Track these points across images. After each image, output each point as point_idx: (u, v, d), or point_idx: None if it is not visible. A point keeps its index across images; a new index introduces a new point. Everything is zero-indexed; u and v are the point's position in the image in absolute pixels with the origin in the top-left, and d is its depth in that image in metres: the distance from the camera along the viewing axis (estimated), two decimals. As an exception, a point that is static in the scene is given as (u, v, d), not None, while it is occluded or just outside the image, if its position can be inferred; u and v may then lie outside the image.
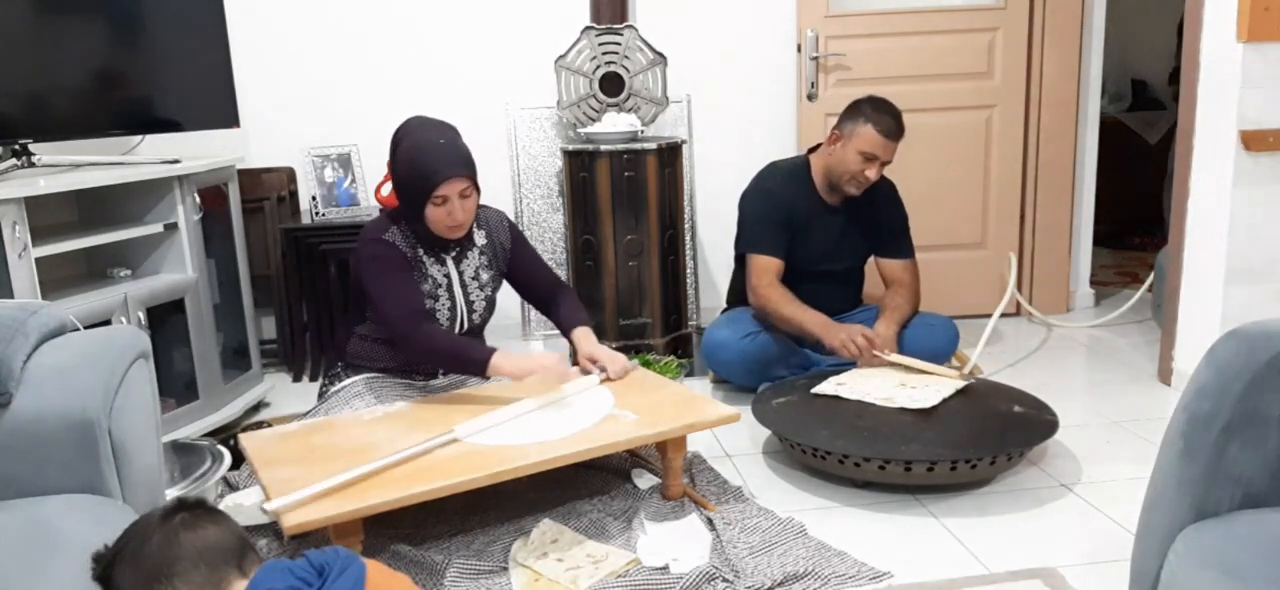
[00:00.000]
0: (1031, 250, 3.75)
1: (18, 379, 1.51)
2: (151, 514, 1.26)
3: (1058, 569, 1.87)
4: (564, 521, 2.08)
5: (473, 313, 2.41)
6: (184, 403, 2.73)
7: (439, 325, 2.32)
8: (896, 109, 2.80)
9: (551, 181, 3.60)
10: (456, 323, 2.39)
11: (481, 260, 2.41)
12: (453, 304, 2.36)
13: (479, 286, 2.41)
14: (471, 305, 2.40)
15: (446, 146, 2.22)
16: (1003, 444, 2.22)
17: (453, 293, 2.36)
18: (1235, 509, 1.33)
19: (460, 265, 2.37)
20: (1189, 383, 1.38)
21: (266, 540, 2.04)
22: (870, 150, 2.76)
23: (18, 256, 2.23)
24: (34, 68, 2.60)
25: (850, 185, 2.83)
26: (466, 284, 2.38)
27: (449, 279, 2.35)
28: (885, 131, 2.75)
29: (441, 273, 2.35)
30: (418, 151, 2.21)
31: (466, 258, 2.39)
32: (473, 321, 2.42)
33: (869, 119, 2.76)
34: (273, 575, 1.21)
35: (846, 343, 2.65)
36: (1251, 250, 2.70)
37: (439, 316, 2.34)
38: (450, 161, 2.20)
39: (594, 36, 3.29)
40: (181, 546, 1.20)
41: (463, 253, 2.38)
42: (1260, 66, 2.60)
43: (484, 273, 2.42)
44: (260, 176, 3.40)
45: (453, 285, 2.36)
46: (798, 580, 1.83)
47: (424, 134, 2.24)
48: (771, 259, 2.87)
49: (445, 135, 2.25)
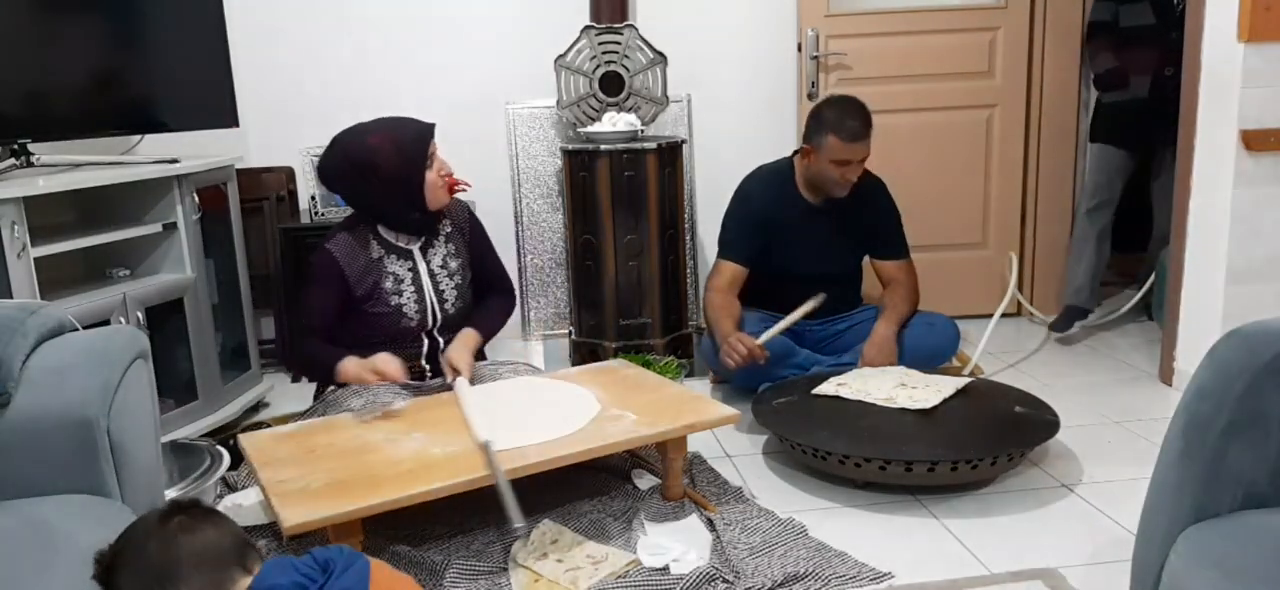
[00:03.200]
0: (1032, 250, 3.75)
1: (16, 379, 1.51)
2: (148, 517, 1.25)
3: (1059, 569, 1.86)
4: (564, 522, 2.08)
5: (444, 303, 2.44)
6: (183, 403, 2.72)
7: (318, 343, 2.35)
8: (857, 105, 2.79)
9: (551, 181, 3.59)
10: (427, 314, 2.41)
11: (449, 249, 2.46)
12: (419, 296, 2.40)
13: (448, 275, 2.45)
14: (442, 295, 2.44)
15: (407, 119, 2.39)
16: (1004, 444, 2.22)
17: (419, 285, 2.40)
18: (1236, 509, 1.32)
19: (428, 255, 2.43)
20: (1189, 383, 1.38)
21: (266, 540, 2.04)
22: (841, 158, 2.75)
23: (16, 256, 2.23)
24: (33, 67, 2.59)
25: (835, 190, 2.83)
26: (435, 274, 2.43)
27: (415, 272, 2.40)
28: (850, 136, 2.73)
29: (405, 268, 2.39)
30: (392, 136, 2.32)
31: (434, 247, 2.44)
32: (445, 312, 2.45)
33: (831, 129, 2.75)
34: (277, 571, 1.21)
35: (729, 352, 2.66)
36: (1252, 249, 2.70)
37: (407, 310, 2.39)
38: (423, 127, 2.37)
39: (594, 36, 3.29)
40: (181, 550, 1.20)
41: (429, 243, 2.44)
42: (1261, 66, 2.60)
43: (452, 261, 2.46)
44: (259, 176, 3.40)
45: (419, 278, 2.40)
46: (798, 581, 1.82)
47: (381, 126, 2.37)
48: (730, 264, 2.91)
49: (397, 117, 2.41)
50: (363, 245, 2.38)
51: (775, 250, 2.91)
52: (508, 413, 2.16)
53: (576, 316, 3.32)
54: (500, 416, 2.13)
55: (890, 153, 3.34)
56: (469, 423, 2.05)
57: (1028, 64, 3.58)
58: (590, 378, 2.41)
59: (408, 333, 2.41)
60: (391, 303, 2.37)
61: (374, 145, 2.32)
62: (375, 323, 2.38)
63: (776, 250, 2.91)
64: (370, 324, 2.38)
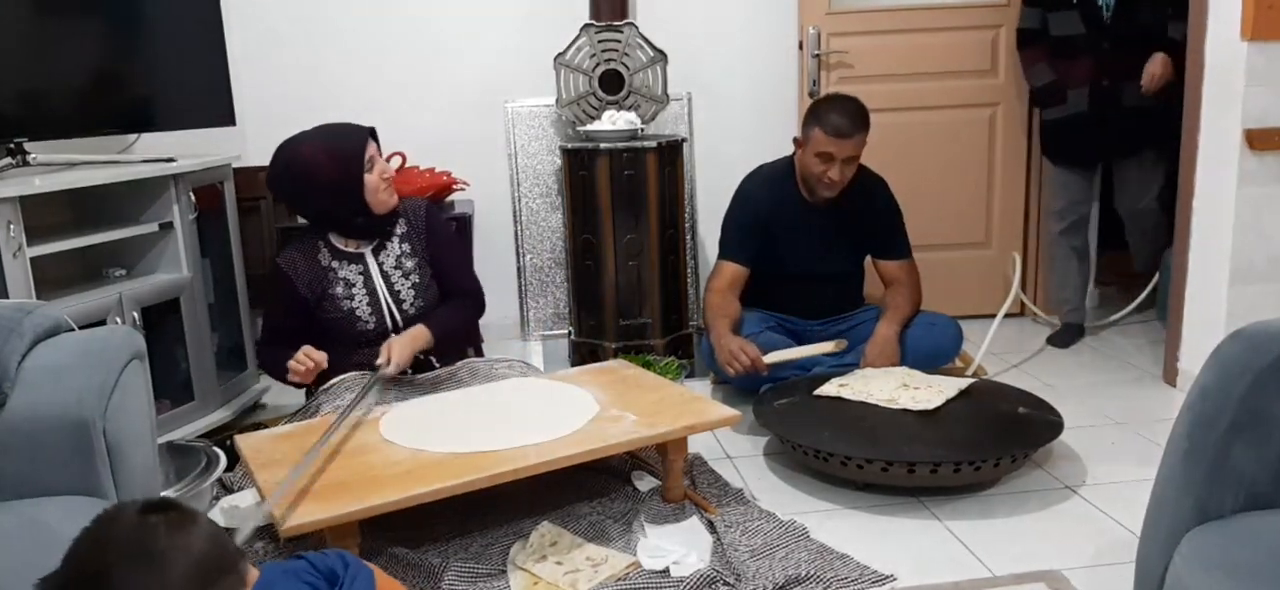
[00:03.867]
0: (1035, 250, 3.73)
1: (12, 379, 1.50)
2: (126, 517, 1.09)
3: (1062, 571, 1.85)
4: (563, 524, 2.06)
5: (401, 304, 2.44)
6: (179, 403, 2.71)
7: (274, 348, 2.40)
8: (852, 103, 2.77)
9: (550, 180, 3.58)
10: (384, 316, 2.42)
11: (403, 249, 2.46)
12: (372, 298, 2.41)
13: (403, 276, 2.45)
14: (397, 296, 2.43)
15: (342, 124, 2.40)
16: (1006, 445, 2.20)
17: (372, 287, 2.41)
18: (1240, 510, 1.32)
19: (380, 256, 2.44)
20: (1193, 384, 1.37)
21: (263, 543, 2.03)
22: (824, 151, 2.73)
23: (13, 256, 2.22)
24: (29, 66, 2.58)
25: (820, 188, 2.80)
26: (388, 275, 2.43)
27: (366, 275, 2.41)
28: (834, 130, 2.71)
29: (356, 272, 2.41)
30: (326, 144, 2.34)
31: (386, 248, 2.45)
32: (404, 312, 2.44)
33: (818, 121, 2.74)
34: (278, 583, 1.16)
35: (729, 360, 2.65)
36: (1256, 250, 2.69)
37: (360, 314, 2.40)
38: (358, 129, 2.37)
39: (594, 33, 3.27)
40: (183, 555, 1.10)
41: (381, 245, 2.45)
42: (1264, 65, 2.59)
43: (407, 261, 2.46)
44: (256, 175, 3.36)
45: (371, 280, 2.41)
46: (800, 583, 1.81)
47: (316, 134, 2.37)
48: (730, 264, 2.90)
49: (333, 125, 2.41)
50: (312, 254, 2.42)
51: (776, 250, 2.90)
52: (507, 413, 2.15)
53: (576, 316, 3.30)
54: (499, 417, 2.12)
55: (892, 151, 3.33)
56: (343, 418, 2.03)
57: (1030, 63, 3.57)
58: (590, 378, 2.39)
59: (367, 335, 2.41)
60: (343, 308, 2.40)
61: (308, 155, 2.33)
62: (332, 328, 2.41)
63: (777, 250, 2.90)
64: (328, 329, 2.41)
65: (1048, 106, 3.30)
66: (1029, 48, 3.31)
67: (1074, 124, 3.23)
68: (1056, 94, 3.24)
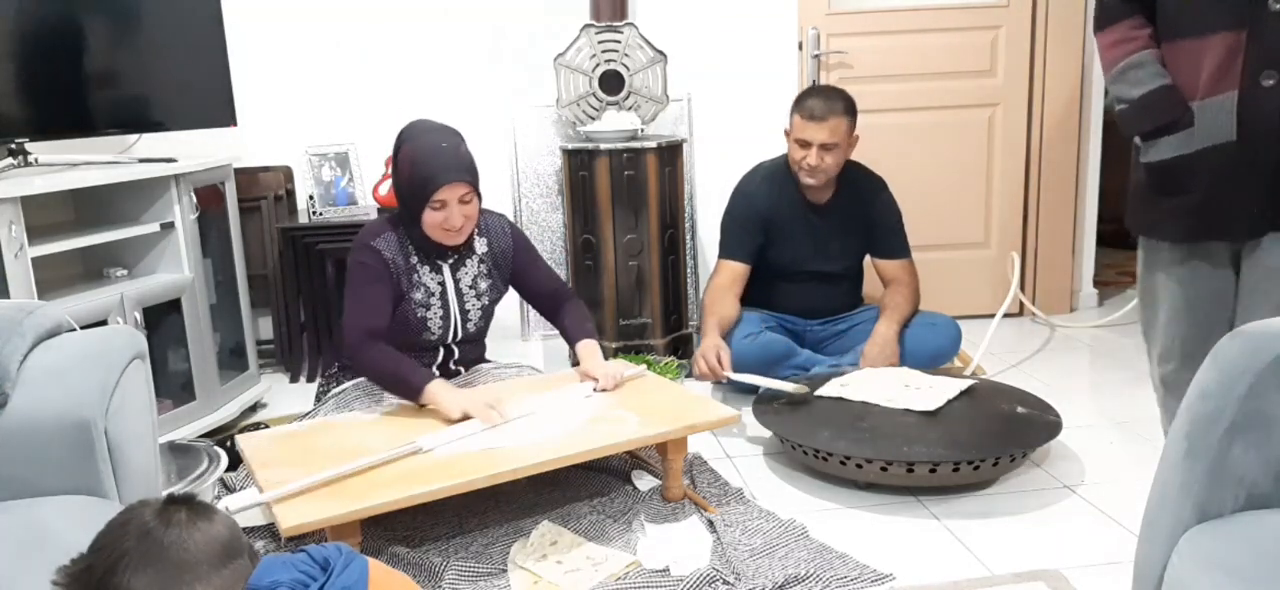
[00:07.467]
0: (1034, 250, 3.74)
1: (14, 380, 1.50)
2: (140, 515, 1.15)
3: (1061, 571, 1.86)
4: (563, 523, 2.07)
5: (467, 322, 2.38)
6: (180, 403, 2.71)
7: (391, 350, 2.21)
8: (831, 89, 2.83)
9: (551, 180, 3.59)
10: (449, 332, 2.36)
11: (480, 269, 2.38)
12: (445, 313, 2.33)
13: (475, 296, 2.37)
14: (466, 314, 2.37)
15: (448, 150, 2.19)
16: (1006, 445, 2.21)
17: (446, 302, 2.33)
18: (1239, 510, 1.32)
19: (457, 273, 2.34)
20: (1192, 384, 1.37)
21: (264, 542, 2.03)
22: (801, 136, 2.78)
23: (14, 256, 2.22)
24: (31, 66, 2.58)
25: (803, 176, 2.83)
26: (463, 293, 2.35)
27: (443, 288, 2.32)
28: (807, 114, 2.76)
29: (436, 281, 2.31)
30: (418, 155, 2.18)
31: (464, 266, 2.35)
32: (467, 330, 2.39)
33: (797, 107, 2.80)
34: (276, 568, 1.19)
35: (698, 360, 2.70)
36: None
37: (430, 325, 2.31)
38: (450, 166, 2.16)
39: (594, 34, 3.28)
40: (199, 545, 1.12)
41: (460, 261, 2.35)
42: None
43: (482, 282, 2.38)
44: (257, 175, 3.39)
45: (447, 294, 2.33)
46: (799, 583, 1.81)
47: (426, 138, 2.21)
48: (730, 263, 2.92)
49: (448, 139, 2.21)
50: (402, 246, 2.29)
51: (775, 248, 2.90)
52: (507, 413, 2.15)
53: (576, 316, 3.30)
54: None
55: (892, 152, 3.34)
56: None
57: (1030, 63, 3.57)
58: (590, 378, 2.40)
59: (422, 344, 2.34)
60: (418, 315, 2.29)
61: (406, 150, 2.22)
62: (399, 330, 2.28)
63: (776, 248, 2.90)
64: (394, 331, 2.27)
65: (1156, 133, 1.84)
66: (1113, 27, 1.89)
67: (1209, 163, 1.78)
68: (1173, 109, 1.80)
